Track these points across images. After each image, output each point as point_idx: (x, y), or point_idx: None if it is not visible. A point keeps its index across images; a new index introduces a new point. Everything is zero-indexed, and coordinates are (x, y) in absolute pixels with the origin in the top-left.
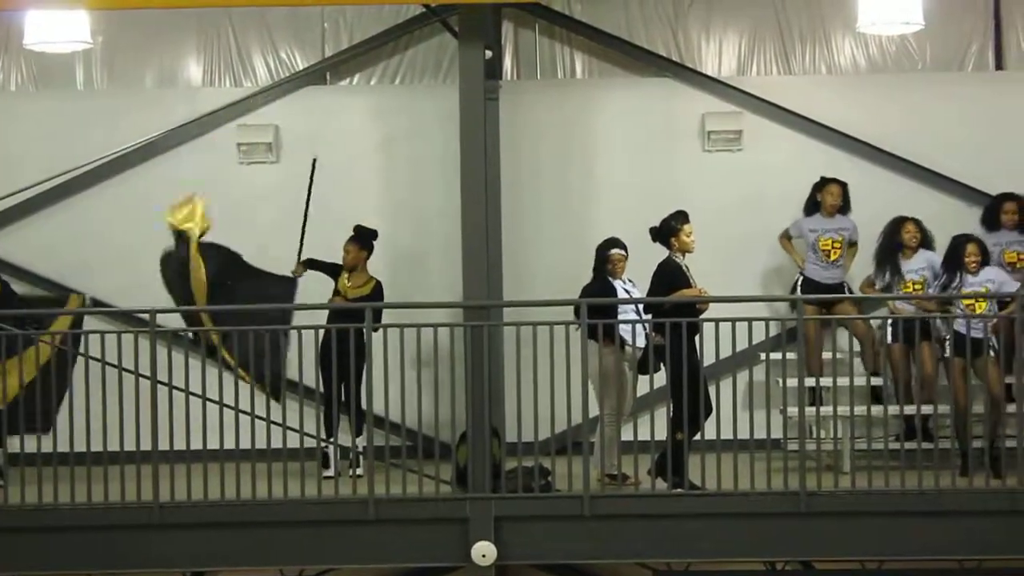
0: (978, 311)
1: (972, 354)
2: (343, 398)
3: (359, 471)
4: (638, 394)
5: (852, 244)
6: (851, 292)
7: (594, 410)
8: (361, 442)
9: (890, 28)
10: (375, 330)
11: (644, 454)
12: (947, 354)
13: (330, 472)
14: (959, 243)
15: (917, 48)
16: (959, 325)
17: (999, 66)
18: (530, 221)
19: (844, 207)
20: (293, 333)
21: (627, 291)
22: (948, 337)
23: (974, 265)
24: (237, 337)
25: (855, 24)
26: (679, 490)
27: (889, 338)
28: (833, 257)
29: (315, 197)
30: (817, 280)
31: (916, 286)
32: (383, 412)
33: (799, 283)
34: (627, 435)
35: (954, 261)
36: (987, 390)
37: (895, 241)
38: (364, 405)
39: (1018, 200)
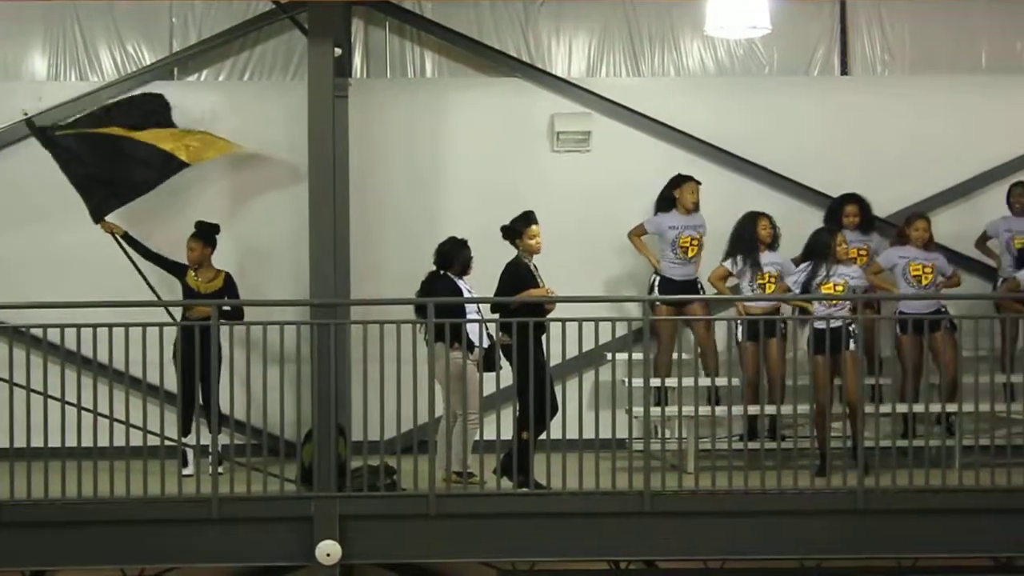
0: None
1: (833, 349)
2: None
3: (220, 469)
4: (484, 393)
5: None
6: (703, 289)
7: (440, 409)
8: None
9: (737, 32)
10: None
11: (490, 453)
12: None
13: (188, 471)
14: (826, 234)
15: (764, 52)
16: (818, 323)
17: (844, 71)
18: (378, 219)
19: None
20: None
21: (469, 291)
22: (809, 335)
23: (846, 255)
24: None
25: (703, 27)
26: (524, 489)
27: (740, 336)
28: (691, 254)
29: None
30: (673, 278)
31: (771, 279)
32: (228, 410)
33: (655, 283)
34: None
35: (820, 253)
36: (845, 389)
37: (752, 234)
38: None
39: (859, 202)
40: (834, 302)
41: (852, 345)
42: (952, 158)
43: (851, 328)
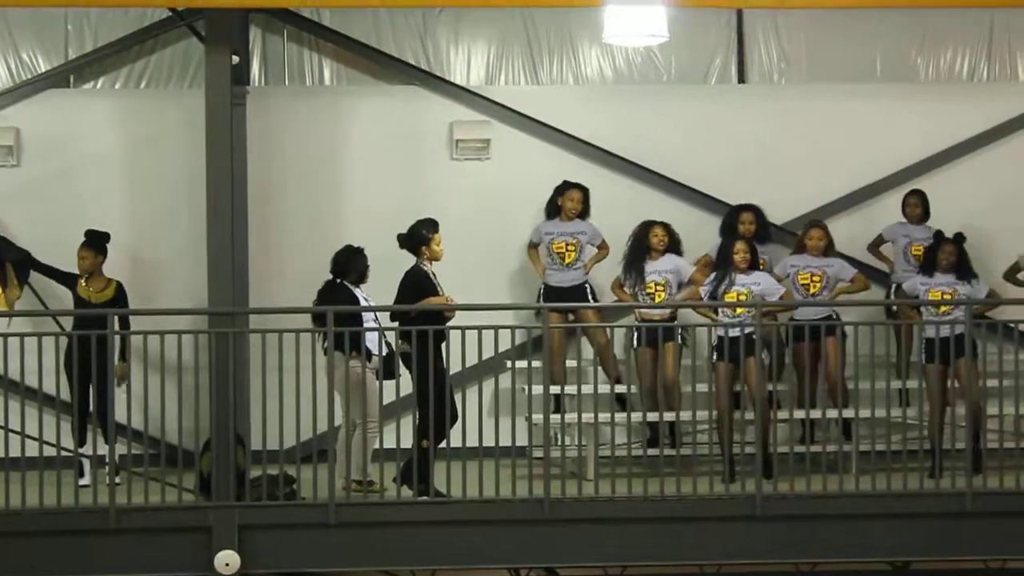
0: (739, 313)
1: (737, 357)
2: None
3: (117, 479)
4: (384, 402)
5: (600, 247)
6: (594, 295)
7: (339, 418)
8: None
9: (635, 40)
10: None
11: (390, 462)
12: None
13: (85, 481)
14: (727, 242)
15: (662, 60)
16: (722, 330)
17: (741, 79)
18: (277, 228)
19: (584, 212)
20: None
21: (365, 299)
22: (715, 342)
23: (743, 264)
24: None
25: (601, 35)
26: (424, 498)
27: (635, 342)
28: (568, 260)
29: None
30: (555, 284)
31: (658, 287)
32: (125, 419)
33: (541, 291)
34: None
35: (724, 260)
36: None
37: (642, 244)
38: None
39: (754, 210)
40: (738, 312)
41: (765, 355)
42: (848, 165)
43: (754, 337)
